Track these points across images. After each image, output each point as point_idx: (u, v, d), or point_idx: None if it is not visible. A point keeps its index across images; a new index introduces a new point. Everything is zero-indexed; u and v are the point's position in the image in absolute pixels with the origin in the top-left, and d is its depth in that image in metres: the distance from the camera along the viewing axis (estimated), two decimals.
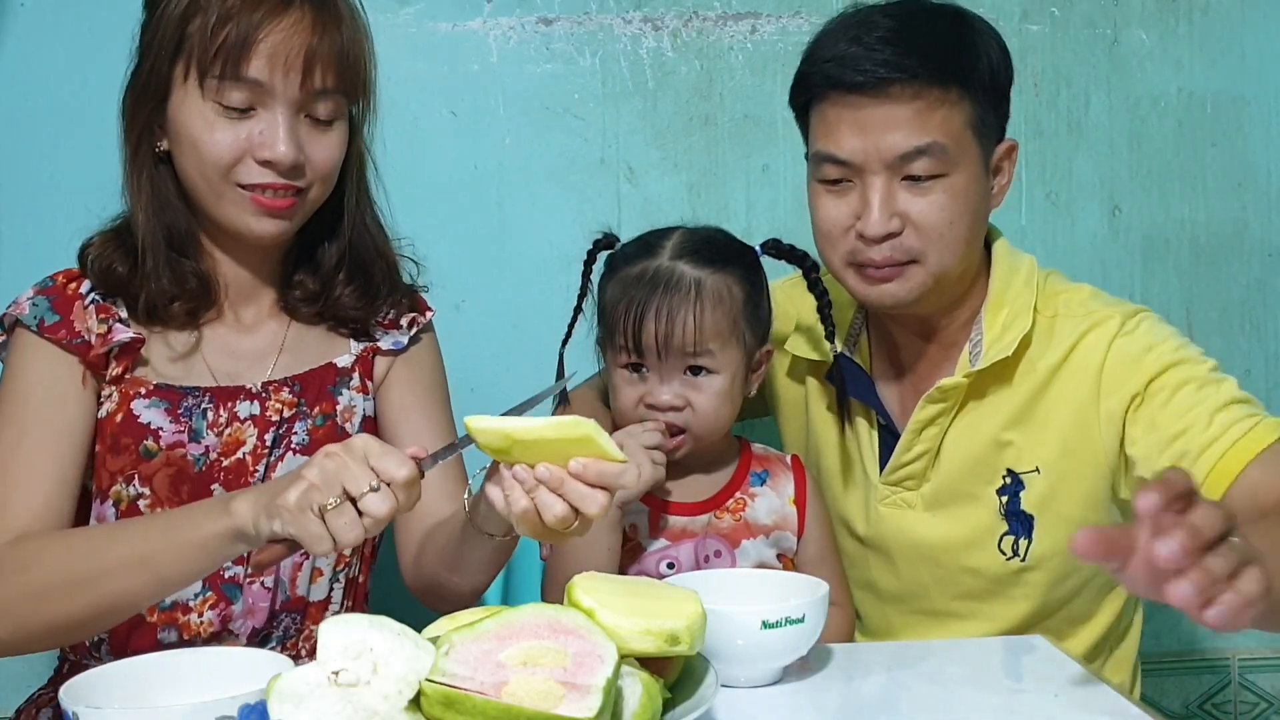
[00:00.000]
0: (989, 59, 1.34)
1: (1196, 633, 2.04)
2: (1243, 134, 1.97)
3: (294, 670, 0.84)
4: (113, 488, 1.25)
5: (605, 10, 1.87)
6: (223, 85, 1.20)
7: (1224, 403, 1.30)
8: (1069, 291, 1.43)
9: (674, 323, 1.32)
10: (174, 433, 1.26)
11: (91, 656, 1.28)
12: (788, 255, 1.43)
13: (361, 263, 1.36)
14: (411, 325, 1.40)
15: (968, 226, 1.34)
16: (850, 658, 1.17)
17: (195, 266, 1.28)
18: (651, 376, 1.36)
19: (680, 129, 1.90)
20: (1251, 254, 2.00)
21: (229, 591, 1.28)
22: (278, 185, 1.23)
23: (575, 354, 1.41)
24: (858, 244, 1.34)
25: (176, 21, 1.21)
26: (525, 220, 1.88)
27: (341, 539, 1.00)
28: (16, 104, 1.78)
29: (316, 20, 1.22)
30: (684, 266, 1.36)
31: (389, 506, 1.01)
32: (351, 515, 1.00)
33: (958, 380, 1.38)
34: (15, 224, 1.79)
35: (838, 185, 1.35)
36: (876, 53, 1.29)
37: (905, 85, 1.29)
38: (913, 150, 1.30)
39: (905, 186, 1.32)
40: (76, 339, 1.25)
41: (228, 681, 0.92)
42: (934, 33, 1.32)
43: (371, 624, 0.86)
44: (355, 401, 1.35)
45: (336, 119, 1.27)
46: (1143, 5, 1.95)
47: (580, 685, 0.82)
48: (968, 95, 1.32)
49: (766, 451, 1.47)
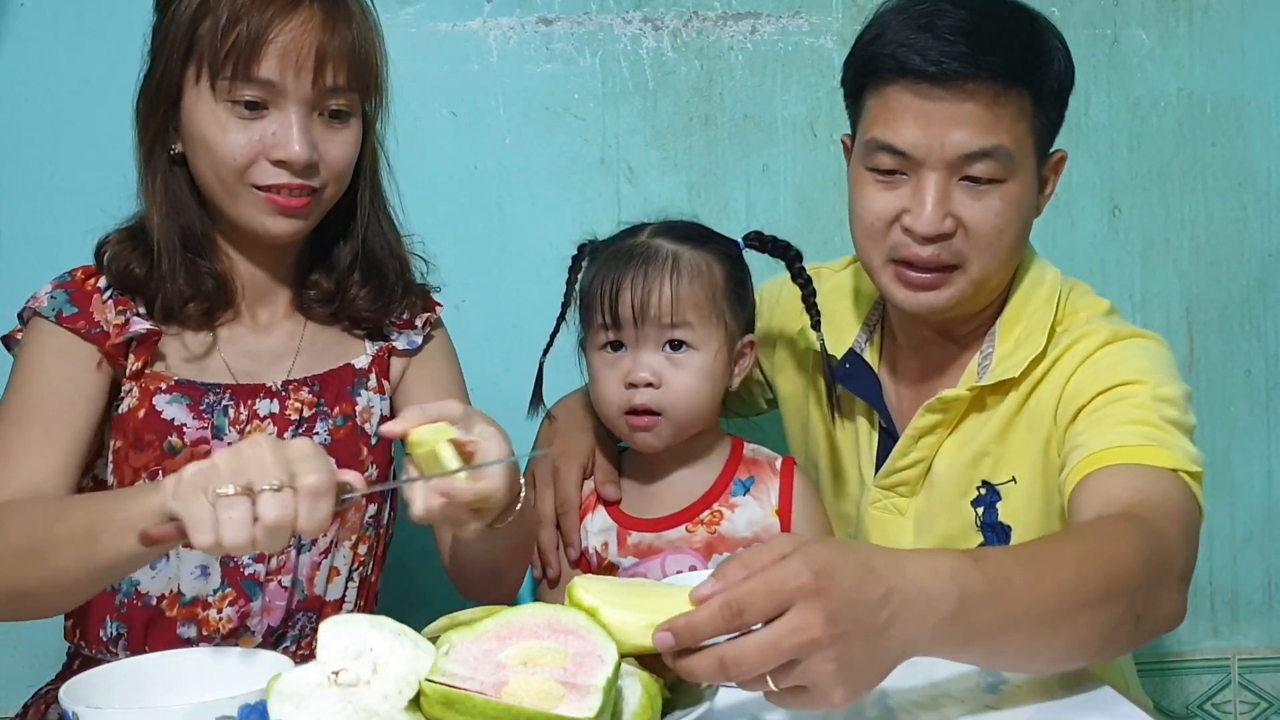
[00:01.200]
0: (1058, 64, 1.29)
1: (1196, 633, 2.04)
2: (1243, 134, 1.97)
3: (294, 670, 0.84)
4: (137, 484, 1.25)
5: (605, 10, 1.87)
6: (234, 86, 1.20)
7: (1141, 420, 1.20)
8: (1086, 309, 1.37)
9: (650, 291, 1.31)
10: (197, 429, 1.26)
11: (108, 651, 1.28)
12: (770, 247, 1.41)
13: (375, 261, 1.36)
14: (425, 324, 1.41)
15: (1015, 236, 1.30)
16: None
17: (211, 267, 1.29)
18: (629, 353, 1.34)
19: (680, 129, 1.90)
20: (1251, 254, 1.99)
21: (248, 588, 1.28)
22: (293, 185, 1.23)
23: (558, 367, 1.41)
24: (902, 238, 1.28)
25: (187, 23, 1.21)
26: (525, 220, 1.88)
27: (224, 534, 0.90)
28: (16, 104, 1.78)
29: (327, 18, 1.22)
30: (661, 241, 1.35)
31: (280, 513, 0.90)
32: (244, 512, 0.90)
33: (959, 393, 1.34)
34: (15, 224, 1.79)
35: (890, 177, 1.29)
36: (950, 44, 1.23)
37: (979, 82, 1.23)
38: (978, 151, 1.25)
39: (962, 188, 1.26)
40: (95, 328, 1.25)
41: (228, 681, 0.92)
42: (1009, 31, 1.27)
43: (371, 624, 0.86)
44: (373, 402, 1.35)
45: (350, 116, 1.27)
46: (1143, 5, 1.95)
47: (580, 685, 0.82)
48: (1036, 101, 1.27)
49: (757, 454, 1.44)
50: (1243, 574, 2.03)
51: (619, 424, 1.37)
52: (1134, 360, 1.27)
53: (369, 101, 1.30)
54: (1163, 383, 1.24)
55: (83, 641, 1.31)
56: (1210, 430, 2.00)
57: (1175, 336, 1.98)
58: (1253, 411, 2.01)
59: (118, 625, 1.28)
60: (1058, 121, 1.34)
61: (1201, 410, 1.97)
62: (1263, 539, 2.03)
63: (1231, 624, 2.04)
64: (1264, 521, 2.03)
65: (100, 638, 1.28)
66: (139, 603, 1.27)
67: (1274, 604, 2.04)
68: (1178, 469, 1.15)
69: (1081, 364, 1.29)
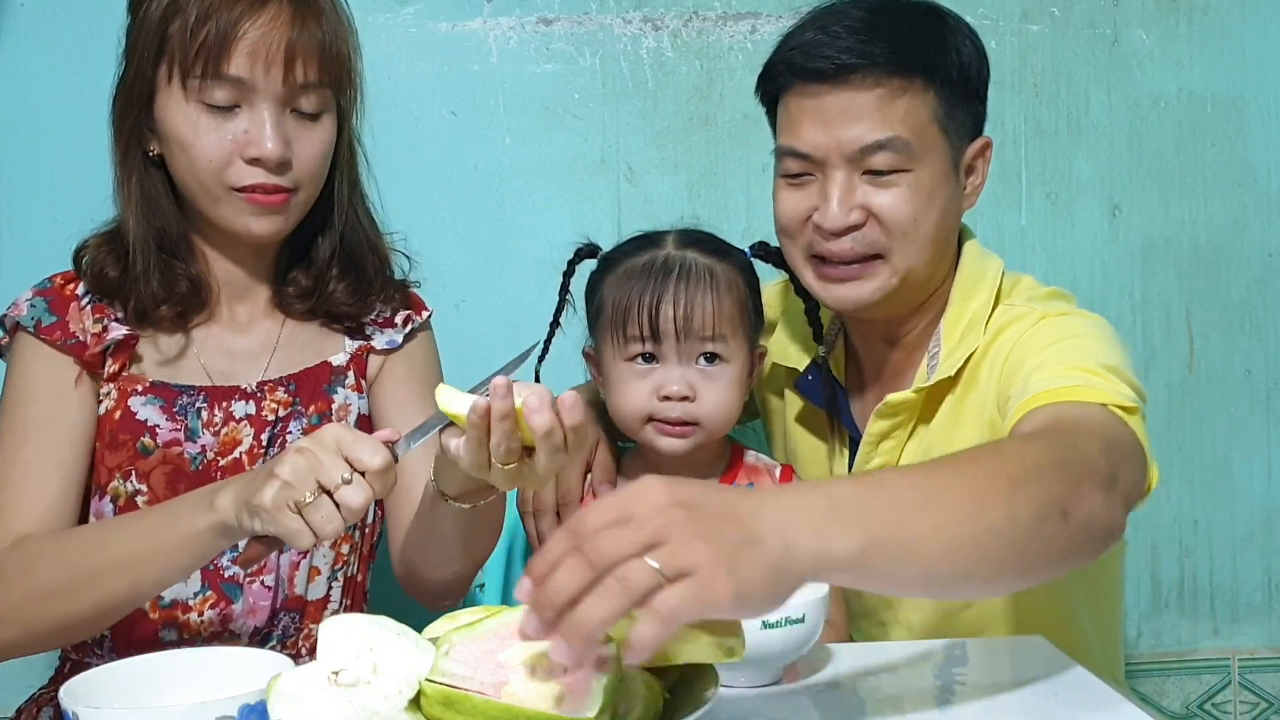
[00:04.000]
0: (959, 54, 1.30)
1: (1196, 633, 2.04)
2: (1243, 134, 1.97)
3: (294, 670, 0.84)
4: (110, 484, 1.25)
5: (605, 10, 1.87)
6: (205, 85, 1.21)
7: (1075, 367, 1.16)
8: (1024, 293, 1.36)
9: (693, 306, 1.31)
10: (170, 430, 1.26)
11: (94, 654, 1.28)
12: (775, 258, 1.42)
13: (353, 256, 1.36)
14: (406, 323, 1.40)
15: (934, 225, 1.30)
16: (850, 658, 1.17)
17: (187, 269, 1.29)
18: (664, 366, 1.33)
19: (680, 129, 1.90)
20: (1251, 254, 1.99)
21: (229, 591, 1.28)
22: (268, 186, 1.23)
23: (555, 369, 1.41)
24: (815, 236, 1.31)
25: (157, 23, 1.22)
26: (525, 220, 1.88)
27: (321, 532, 1.01)
28: (16, 104, 1.78)
29: (295, 14, 1.23)
30: (694, 254, 1.35)
31: (364, 496, 1.01)
32: (329, 509, 1.01)
33: (906, 396, 1.33)
34: (15, 224, 1.79)
35: (799, 179, 1.32)
36: (840, 40, 1.27)
37: (867, 73, 1.26)
38: (873, 144, 1.27)
39: (867, 180, 1.29)
40: (72, 339, 1.26)
41: (228, 681, 0.92)
42: (902, 24, 1.30)
43: (371, 624, 0.86)
44: (350, 400, 1.35)
45: (323, 112, 1.27)
46: (1143, 5, 1.95)
47: (581, 685, 0.81)
48: (933, 87, 1.28)
49: (759, 460, 1.44)
50: (1243, 574, 2.03)
51: (641, 430, 1.36)
52: (1070, 325, 1.27)
53: (342, 96, 1.30)
54: (1101, 341, 1.23)
55: (70, 646, 1.31)
56: (1210, 430, 2.01)
57: (1175, 336, 1.98)
58: (1253, 411, 2.01)
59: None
60: (976, 112, 1.35)
61: (1201, 410, 2.00)
62: (1263, 539, 2.03)
63: (1231, 624, 2.04)
64: (1264, 521, 2.03)
65: (86, 641, 1.28)
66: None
67: (1274, 604, 2.04)
68: (1106, 403, 1.11)
69: (1018, 342, 1.28)
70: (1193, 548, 2.02)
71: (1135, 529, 1.99)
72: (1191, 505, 2.01)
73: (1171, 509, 2.01)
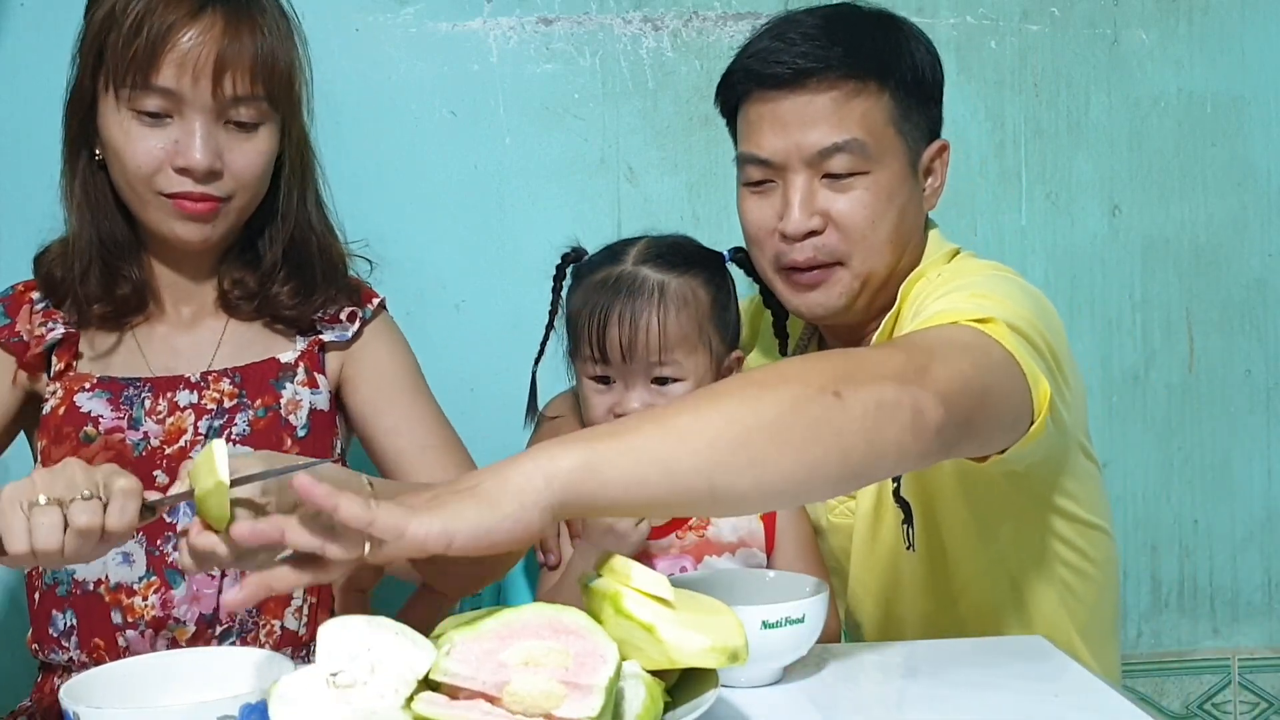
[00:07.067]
0: (913, 57, 1.33)
1: (1196, 633, 2.04)
2: (1243, 134, 1.97)
3: (294, 673, 0.84)
4: None
5: (605, 10, 1.87)
6: (135, 95, 1.23)
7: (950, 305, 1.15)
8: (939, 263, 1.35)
9: (637, 328, 1.32)
10: (113, 419, 1.29)
11: (60, 648, 1.28)
12: (749, 265, 1.43)
13: (301, 260, 1.37)
14: (351, 319, 1.40)
15: (892, 227, 1.32)
16: (850, 658, 1.17)
17: (130, 271, 1.32)
18: (618, 386, 1.35)
19: (680, 129, 1.90)
20: (1251, 254, 1.99)
21: (170, 577, 1.28)
22: (194, 194, 1.25)
23: (553, 370, 1.41)
24: (782, 246, 1.33)
25: (96, 32, 1.25)
26: (525, 220, 1.88)
27: (36, 539, 0.93)
28: (16, 104, 1.78)
29: (228, 25, 1.24)
30: (647, 270, 1.35)
31: (88, 518, 0.93)
32: (55, 519, 0.93)
33: None
34: (14, 224, 1.78)
35: (761, 187, 1.34)
36: (796, 46, 1.29)
37: (823, 77, 1.28)
38: (830, 146, 1.29)
39: (826, 184, 1.31)
40: (15, 338, 1.31)
41: (228, 681, 0.92)
42: (856, 29, 1.32)
43: (369, 624, 0.86)
44: (301, 395, 1.35)
45: (261, 124, 1.28)
46: (1143, 5, 1.95)
47: (582, 685, 0.81)
48: (888, 90, 1.31)
49: None
50: (1243, 574, 2.03)
51: None
52: (966, 270, 1.27)
53: (282, 109, 1.30)
54: (992, 281, 1.22)
55: (36, 645, 1.31)
56: (1210, 430, 2.01)
57: (1175, 336, 1.99)
58: (1253, 411, 2.01)
59: (65, 617, 1.28)
60: (932, 114, 1.36)
61: (1201, 410, 2.00)
62: (1263, 539, 2.03)
63: (1231, 624, 2.04)
64: (1264, 521, 2.03)
65: (50, 634, 1.29)
66: (78, 590, 1.28)
67: (1274, 604, 2.04)
68: (956, 321, 1.10)
69: (920, 296, 1.28)
70: (1193, 548, 2.02)
71: (1135, 529, 1.99)
72: (1191, 505, 2.01)
73: (1171, 509, 2.01)
